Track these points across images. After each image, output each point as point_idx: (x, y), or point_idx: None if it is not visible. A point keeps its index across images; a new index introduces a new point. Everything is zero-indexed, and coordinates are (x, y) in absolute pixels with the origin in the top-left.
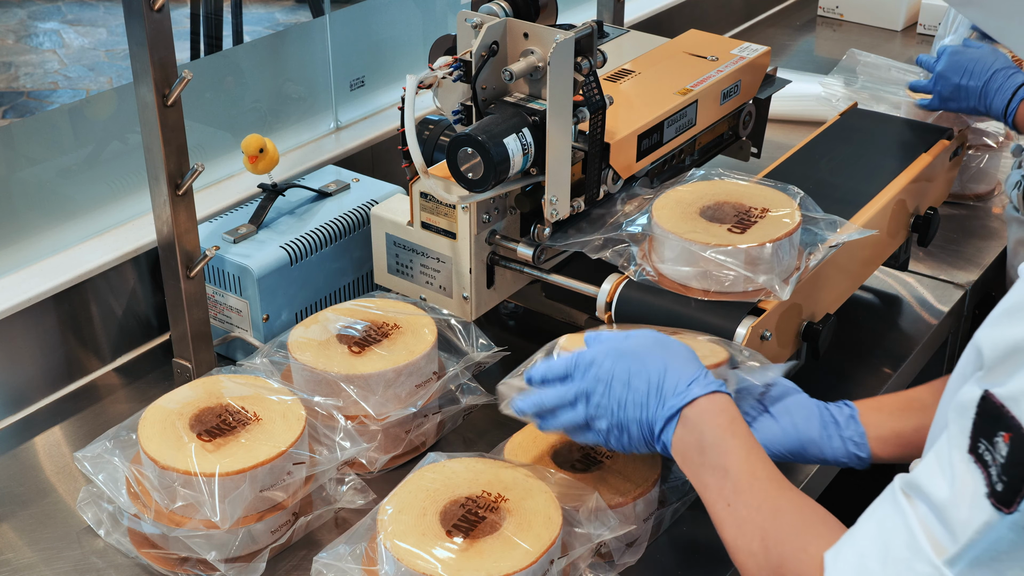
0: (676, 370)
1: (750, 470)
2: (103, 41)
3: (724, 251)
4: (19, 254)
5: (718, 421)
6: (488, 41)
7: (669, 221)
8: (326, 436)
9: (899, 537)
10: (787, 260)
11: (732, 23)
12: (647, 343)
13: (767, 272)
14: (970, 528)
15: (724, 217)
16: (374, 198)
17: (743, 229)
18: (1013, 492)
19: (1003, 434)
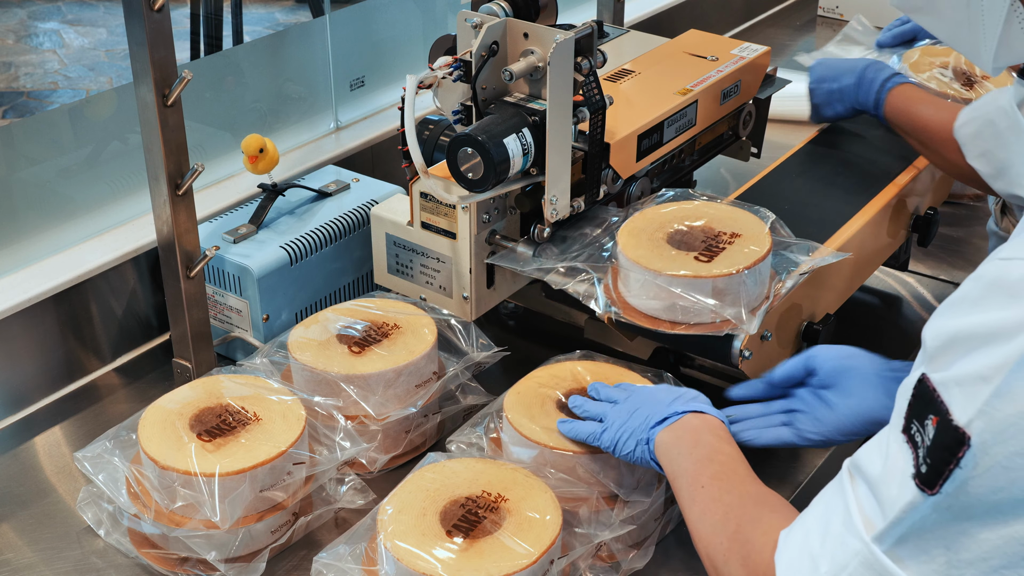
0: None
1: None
2: (103, 41)
3: (689, 282)
4: (19, 254)
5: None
6: (488, 41)
7: (635, 249)
8: (326, 436)
9: (838, 514)
10: (756, 289)
11: (732, 23)
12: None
13: (734, 304)
14: (897, 506)
15: (692, 243)
16: (374, 198)
17: (710, 257)
18: (936, 474)
19: (932, 417)
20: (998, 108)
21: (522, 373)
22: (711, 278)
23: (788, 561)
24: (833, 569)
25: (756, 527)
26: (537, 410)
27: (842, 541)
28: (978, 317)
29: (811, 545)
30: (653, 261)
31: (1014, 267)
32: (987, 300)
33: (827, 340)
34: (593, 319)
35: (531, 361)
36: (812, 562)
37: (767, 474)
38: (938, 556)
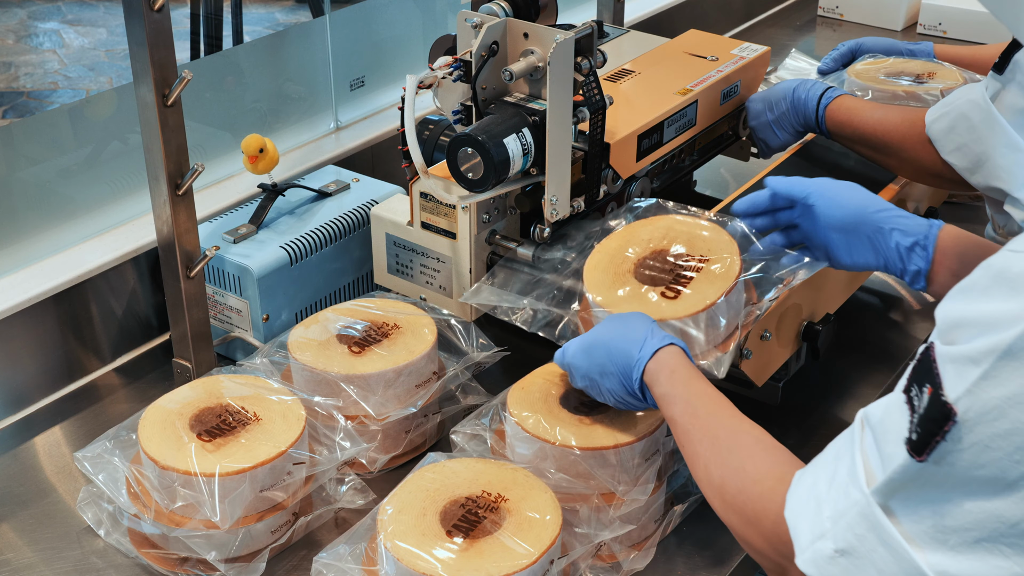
0: (625, 344)
1: (708, 402)
2: (103, 41)
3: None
4: (19, 254)
5: (673, 370)
6: (488, 41)
7: (600, 288)
8: (326, 436)
9: (845, 462)
10: (729, 313)
11: (732, 23)
12: (597, 332)
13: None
14: (892, 464)
15: (658, 276)
16: (374, 198)
17: (677, 293)
18: (923, 444)
19: (928, 386)
20: (970, 102)
21: (522, 373)
22: (678, 319)
23: (796, 500)
24: (833, 515)
25: (766, 466)
26: (540, 406)
27: (845, 489)
28: (982, 306)
29: (818, 489)
30: (619, 303)
31: (1018, 260)
32: (992, 290)
33: (827, 340)
34: None
35: (531, 361)
36: (817, 505)
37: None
38: (927, 518)
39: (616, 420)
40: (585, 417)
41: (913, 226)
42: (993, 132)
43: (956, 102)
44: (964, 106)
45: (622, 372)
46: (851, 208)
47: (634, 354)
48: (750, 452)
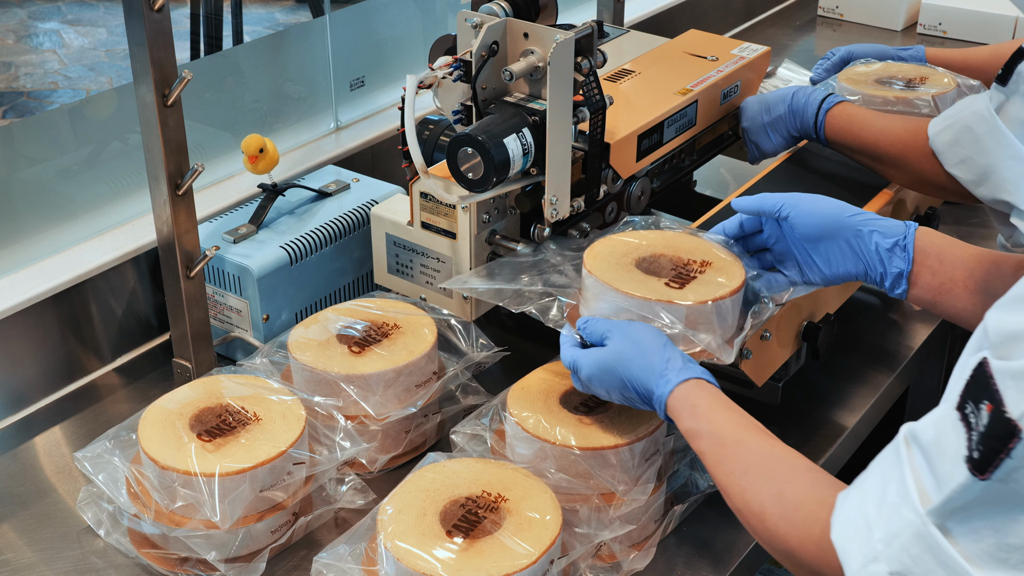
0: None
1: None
2: (103, 41)
3: (665, 307)
4: (19, 254)
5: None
6: (488, 41)
7: (603, 271)
8: (326, 436)
9: (894, 483)
10: (731, 319)
11: (732, 23)
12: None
13: (708, 331)
14: (950, 484)
15: (660, 270)
16: (374, 198)
17: (681, 284)
18: (986, 461)
19: (986, 403)
20: (974, 114)
21: (522, 373)
22: (687, 304)
23: (843, 523)
24: (886, 536)
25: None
26: (540, 405)
27: (897, 510)
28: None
29: (866, 510)
30: (623, 284)
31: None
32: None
33: (827, 340)
34: None
35: (531, 361)
36: (867, 527)
37: None
38: (987, 537)
39: (616, 420)
40: (585, 417)
41: (891, 227)
42: (998, 144)
43: (960, 114)
44: (968, 118)
45: (643, 401)
46: (826, 215)
47: (653, 389)
48: (787, 477)
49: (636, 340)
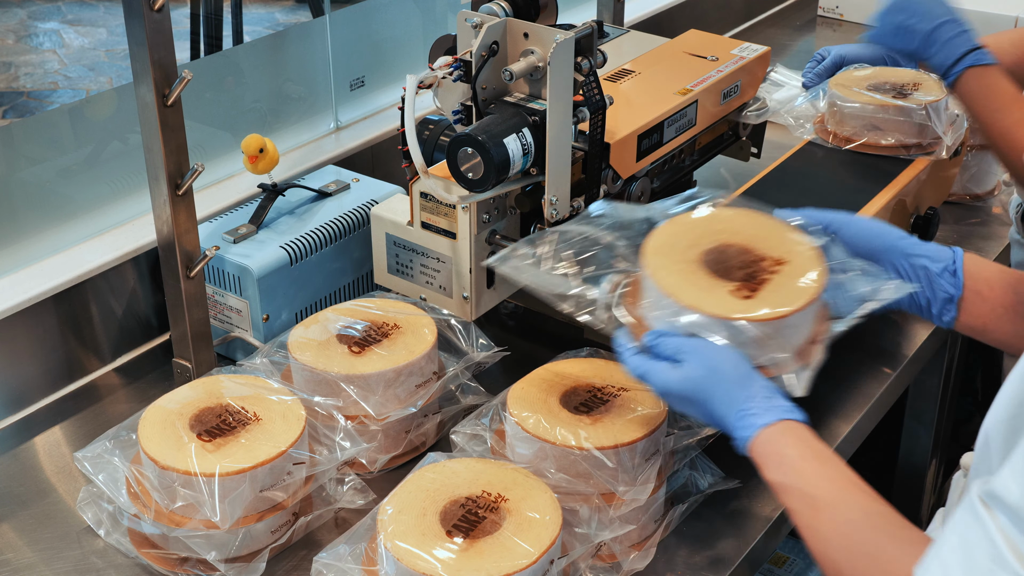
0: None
1: (828, 487)
2: (103, 41)
3: (731, 326)
4: (19, 254)
5: (782, 456)
6: (488, 41)
7: (665, 273)
8: (326, 436)
9: (981, 548)
10: (804, 330)
11: (732, 23)
12: (690, 383)
13: (779, 350)
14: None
15: (729, 269)
16: (374, 198)
17: (752, 290)
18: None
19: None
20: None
21: (522, 373)
22: (753, 321)
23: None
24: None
25: (881, 562)
26: (540, 406)
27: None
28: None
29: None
30: (686, 293)
31: None
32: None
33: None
34: None
35: (531, 361)
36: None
37: None
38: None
39: (616, 420)
40: (585, 417)
41: (939, 252)
42: None
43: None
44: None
45: (723, 431)
46: (873, 236)
47: (734, 430)
48: (877, 542)
49: (715, 368)
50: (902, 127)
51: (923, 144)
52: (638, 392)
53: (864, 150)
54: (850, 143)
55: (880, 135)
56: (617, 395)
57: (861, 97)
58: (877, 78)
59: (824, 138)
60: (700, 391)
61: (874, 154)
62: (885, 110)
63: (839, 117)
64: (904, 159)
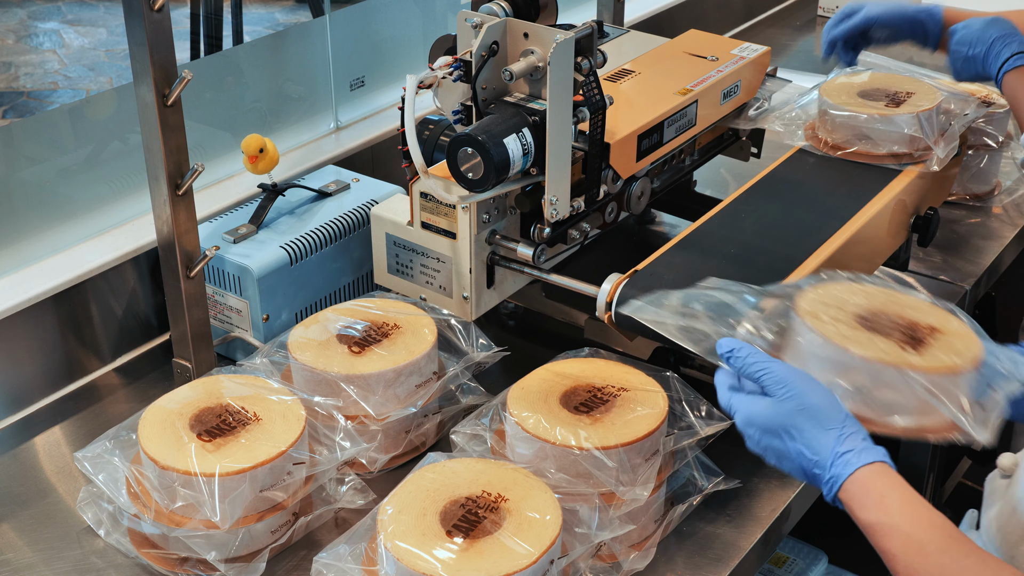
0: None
1: (934, 533)
2: (103, 41)
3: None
4: (19, 254)
5: (883, 494)
6: (488, 41)
7: (823, 325)
8: (326, 436)
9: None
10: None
11: (732, 23)
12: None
13: (956, 404)
14: None
15: (888, 331)
16: (374, 198)
17: (915, 347)
18: None
19: None
20: None
21: (522, 373)
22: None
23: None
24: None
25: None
26: (540, 405)
27: None
28: None
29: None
30: (845, 337)
31: None
32: None
33: None
34: (593, 319)
35: (531, 361)
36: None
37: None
38: None
39: (616, 420)
40: (585, 417)
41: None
42: None
43: None
44: None
45: (803, 473)
46: None
47: (827, 467)
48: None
49: (810, 403)
50: (892, 137)
51: (914, 154)
52: (638, 392)
53: (854, 159)
54: (841, 151)
55: (871, 144)
56: (617, 395)
57: (852, 105)
58: (870, 85)
59: (815, 145)
60: (789, 423)
61: (865, 163)
62: (875, 119)
63: (830, 125)
64: (894, 169)
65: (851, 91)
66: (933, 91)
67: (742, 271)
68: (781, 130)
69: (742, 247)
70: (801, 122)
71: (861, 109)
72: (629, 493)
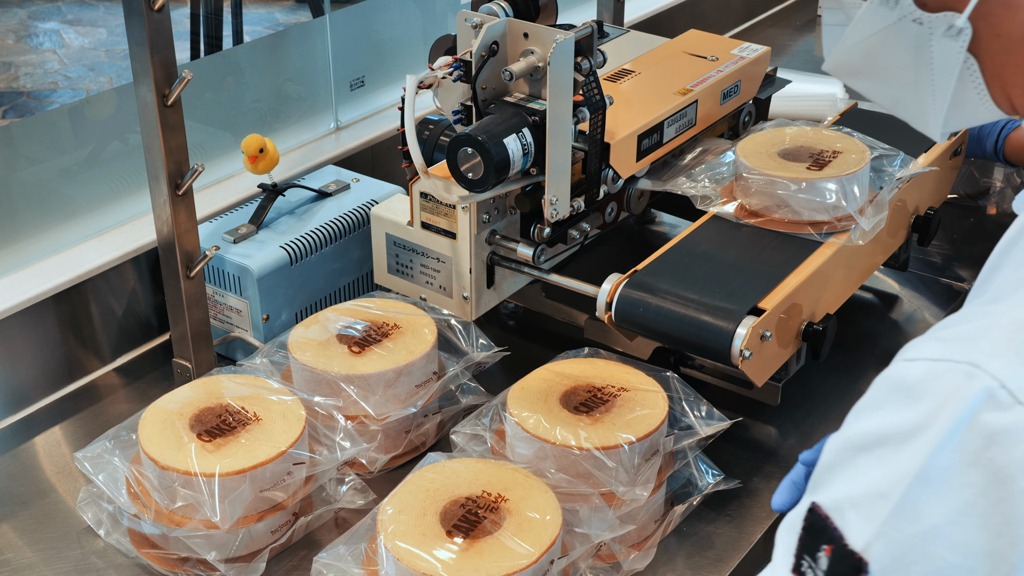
0: None
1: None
2: (103, 41)
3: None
4: (19, 254)
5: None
6: (488, 41)
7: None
8: (326, 436)
9: None
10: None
11: (732, 23)
12: None
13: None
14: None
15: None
16: (374, 198)
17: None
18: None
19: (825, 547)
20: None
21: (522, 373)
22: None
23: None
24: None
25: None
26: (540, 405)
27: None
28: (874, 420)
29: None
30: (774, 169)
31: (915, 368)
32: (886, 403)
33: (827, 340)
34: (593, 319)
35: (531, 361)
36: None
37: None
38: None
39: (616, 420)
40: (585, 417)
41: None
42: None
43: None
44: None
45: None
46: None
47: None
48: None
49: None
50: (812, 204)
51: (837, 224)
52: (638, 392)
53: (771, 227)
54: (758, 218)
55: (789, 211)
56: (617, 395)
57: (769, 168)
58: (795, 142)
59: (736, 212)
60: None
61: (782, 231)
62: (793, 184)
63: (746, 189)
64: (814, 240)
65: (771, 149)
66: (862, 149)
67: (741, 271)
68: (696, 193)
69: (741, 247)
70: (718, 185)
71: (778, 172)
72: (629, 493)
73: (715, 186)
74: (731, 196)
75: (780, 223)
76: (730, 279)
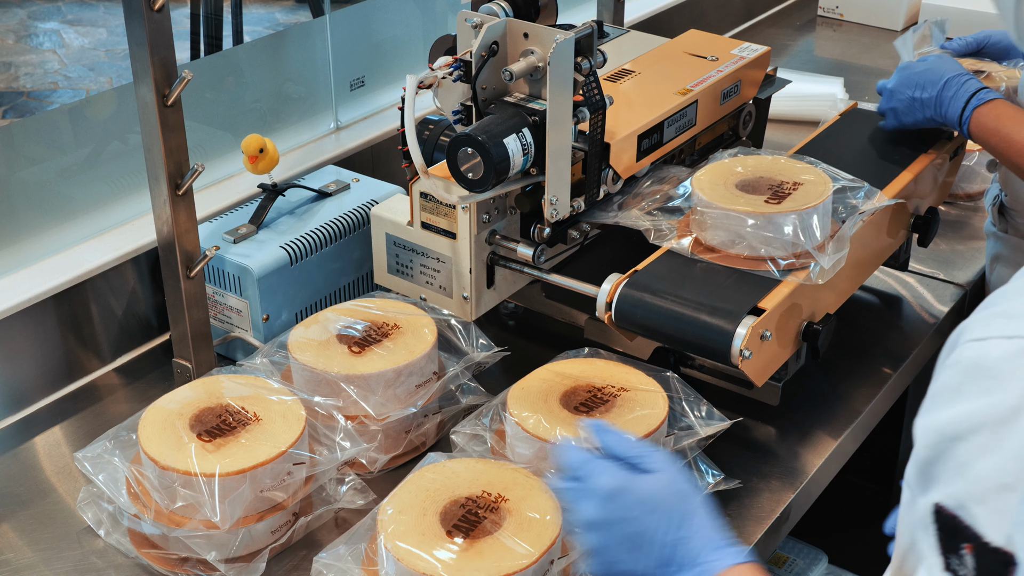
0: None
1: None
2: (103, 41)
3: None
4: (19, 254)
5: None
6: (488, 41)
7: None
8: (326, 436)
9: None
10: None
11: (732, 23)
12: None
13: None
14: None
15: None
16: (374, 198)
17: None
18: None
19: (965, 545)
20: None
21: (522, 373)
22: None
23: None
24: None
25: None
26: (540, 405)
27: None
28: (962, 407)
29: None
30: (730, 202)
31: (990, 348)
32: (968, 387)
33: (827, 340)
34: (593, 319)
35: (531, 361)
36: None
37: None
38: None
39: (616, 420)
40: (585, 417)
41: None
42: None
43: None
44: None
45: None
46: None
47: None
48: None
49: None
50: (769, 240)
51: (796, 261)
52: (638, 392)
53: (727, 263)
54: (714, 253)
55: (746, 246)
56: (617, 395)
57: (725, 201)
58: (755, 173)
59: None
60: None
61: (739, 268)
62: (749, 218)
63: (701, 223)
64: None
65: (729, 180)
66: (825, 181)
67: (739, 272)
68: (648, 227)
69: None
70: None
71: (734, 206)
72: None
73: (670, 219)
74: (687, 230)
75: (736, 259)
76: (730, 279)
